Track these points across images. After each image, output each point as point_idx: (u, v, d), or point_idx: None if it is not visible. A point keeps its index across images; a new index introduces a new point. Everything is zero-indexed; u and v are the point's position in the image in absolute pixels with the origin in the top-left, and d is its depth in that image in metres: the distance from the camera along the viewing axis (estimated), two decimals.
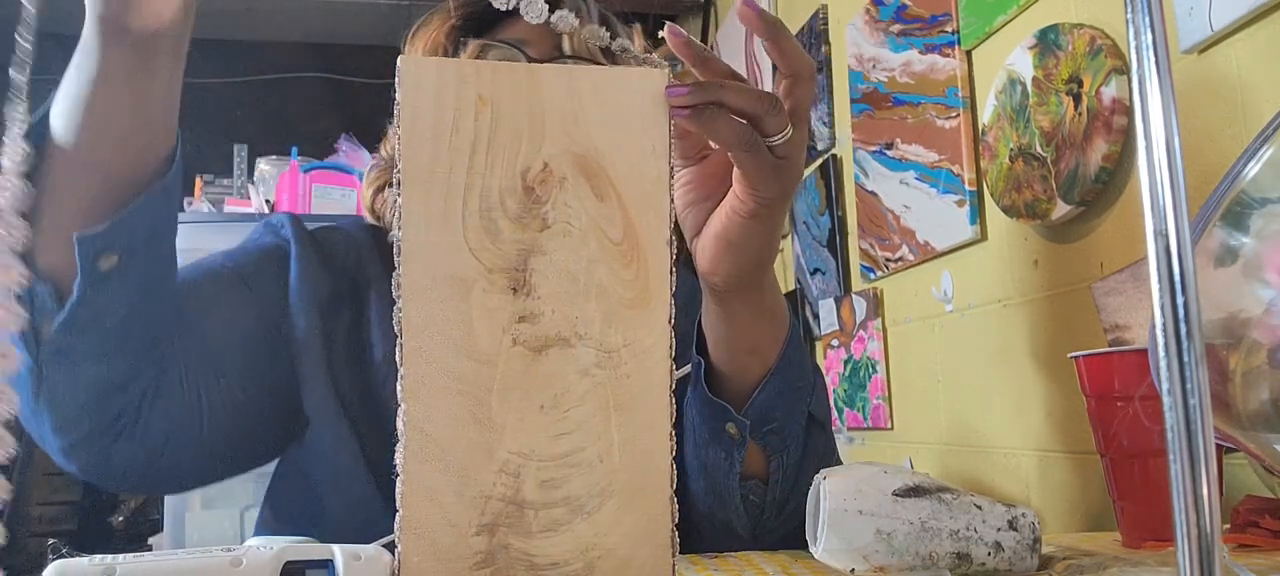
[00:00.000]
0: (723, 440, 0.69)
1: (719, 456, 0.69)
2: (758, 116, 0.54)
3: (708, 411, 0.69)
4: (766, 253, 0.63)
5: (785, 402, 0.69)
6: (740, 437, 0.68)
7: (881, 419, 1.64)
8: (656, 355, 0.47)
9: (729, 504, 0.70)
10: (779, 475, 0.70)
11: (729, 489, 0.70)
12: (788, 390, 0.69)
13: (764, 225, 0.60)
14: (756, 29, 0.55)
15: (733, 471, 0.69)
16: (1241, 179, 0.51)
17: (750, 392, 0.68)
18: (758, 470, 0.70)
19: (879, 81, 1.58)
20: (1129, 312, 1.00)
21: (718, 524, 0.73)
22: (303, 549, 0.45)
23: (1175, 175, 0.33)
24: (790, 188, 0.58)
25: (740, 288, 0.64)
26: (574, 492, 0.46)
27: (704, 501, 0.73)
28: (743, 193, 0.59)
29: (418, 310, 0.45)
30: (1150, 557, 0.62)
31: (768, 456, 0.70)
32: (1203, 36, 0.89)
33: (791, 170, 0.57)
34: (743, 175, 0.57)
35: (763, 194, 0.58)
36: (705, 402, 0.69)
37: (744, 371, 0.68)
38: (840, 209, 1.78)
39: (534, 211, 0.46)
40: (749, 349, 0.68)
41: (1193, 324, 0.32)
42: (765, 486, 0.70)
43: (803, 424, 0.71)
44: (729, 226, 0.60)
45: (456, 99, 0.46)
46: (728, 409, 0.67)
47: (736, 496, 0.70)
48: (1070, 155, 1.07)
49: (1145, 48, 0.34)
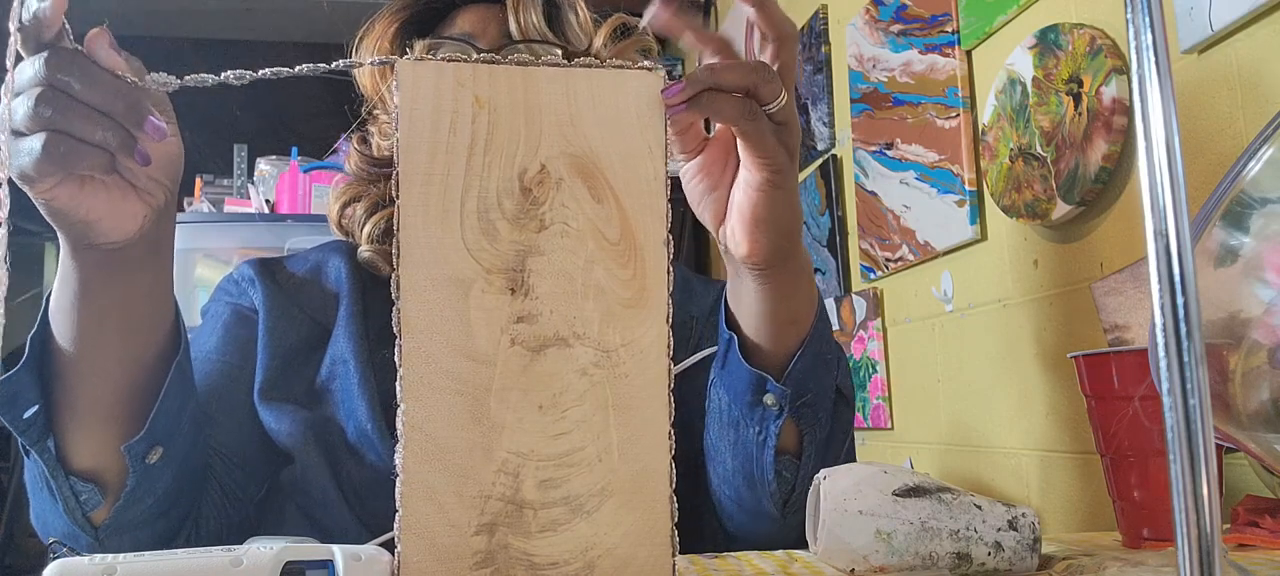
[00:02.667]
0: (758, 413, 0.69)
1: (753, 432, 0.70)
2: (754, 87, 0.56)
3: (743, 385, 0.69)
4: (795, 220, 0.64)
5: (818, 373, 0.70)
6: (778, 408, 0.68)
7: (881, 419, 1.64)
8: (655, 354, 0.47)
9: (761, 481, 0.71)
10: (811, 448, 0.71)
11: (763, 465, 0.70)
12: (819, 361, 0.70)
13: (783, 193, 0.61)
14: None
15: (768, 445, 0.69)
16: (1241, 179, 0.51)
17: (785, 363, 0.69)
18: (790, 445, 0.71)
19: (879, 81, 1.58)
20: (1129, 313, 1.00)
21: (746, 507, 0.73)
22: (303, 549, 0.45)
23: (1175, 175, 0.33)
24: (794, 149, 0.60)
25: (781, 258, 0.65)
26: (573, 492, 0.46)
27: (731, 483, 0.73)
28: (754, 165, 0.60)
29: (417, 310, 0.45)
30: (1150, 557, 0.62)
31: (801, 430, 0.70)
32: (1203, 36, 0.89)
33: (792, 132, 0.59)
34: (750, 148, 0.59)
35: (773, 160, 0.59)
36: (740, 376, 0.69)
37: (783, 342, 0.69)
38: (840, 209, 1.78)
39: (531, 212, 0.46)
40: (790, 318, 0.68)
41: (1193, 324, 0.32)
42: (799, 462, 0.71)
43: (832, 397, 0.72)
44: (753, 204, 0.61)
45: (454, 101, 0.46)
46: (767, 378, 0.68)
47: (770, 472, 0.70)
48: (1070, 155, 1.07)
49: (1145, 48, 0.34)
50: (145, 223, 0.58)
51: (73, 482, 0.64)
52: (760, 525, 0.73)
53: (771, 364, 0.69)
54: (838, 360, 0.73)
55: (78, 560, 0.43)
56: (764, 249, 0.63)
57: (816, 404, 0.70)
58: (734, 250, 0.64)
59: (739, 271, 0.67)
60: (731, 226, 0.64)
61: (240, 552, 0.44)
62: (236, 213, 2.51)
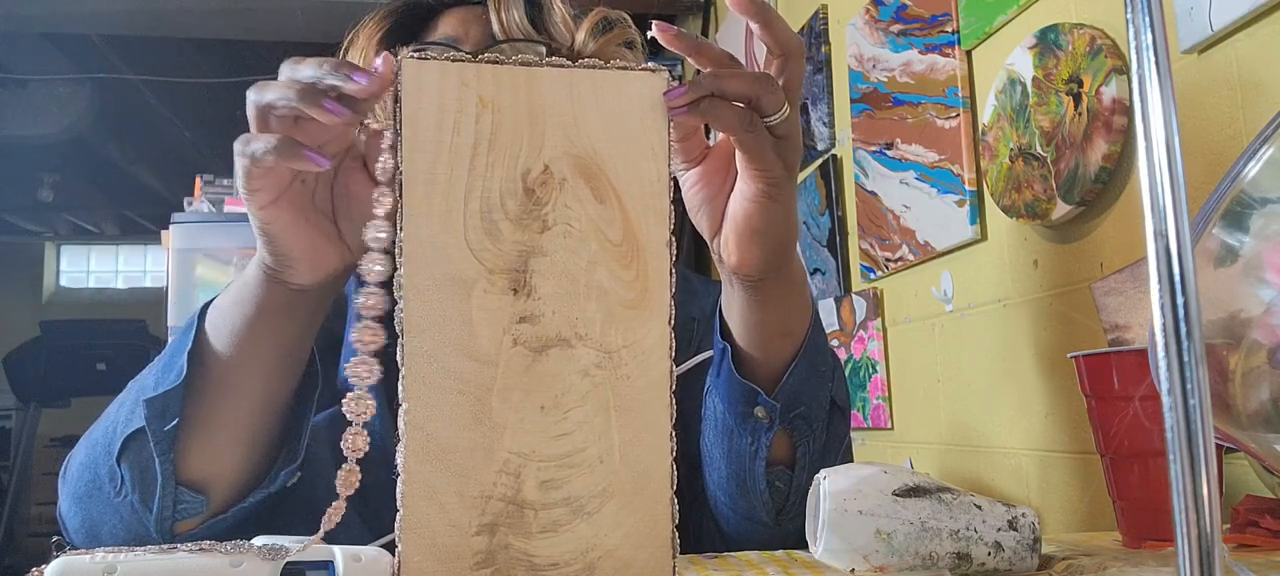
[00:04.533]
0: (750, 425, 0.69)
1: (745, 443, 0.70)
2: (756, 98, 0.56)
3: (735, 395, 0.69)
4: (791, 232, 0.64)
5: (811, 386, 0.70)
6: (769, 421, 0.69)
7: (881, 419, 1.64)
8: (657, 356, 0.47)
9: (753, 491, 0.71)
10: (805, 459, 0.71)
11: (754, 475, 0.70)
12: (813, 373, 0.70)
13: (780, 205, 0.61)
14: (747, 12, 0.57)
15: (759, 456, 0.70)
16: (1241, 179, 0.51)
17: (779, 375, 0.69)
18: (783, 456, 0.71)
19: (879, 81, 1.58)
20: (1129, 313, 1.00)
21: (740, 512, 0.73)
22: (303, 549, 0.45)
23: (1175, 175, 0.33)
24: (793, 163, 0.60)
25: (773, 271, 0.65)
26: (574, 493, 0.46)
27: (725, 490, 0.73)
28: (751, 177, 0.60)
29: (419, 310, 0.45)
30: (1150, 557, 0.62)
31: (794, 442, 0.71)
32: (1203, 36, 0.89)
33: (792, 146, 0.59)
34: (748, 158, 0.59)
35: (770, 173, 0.59)
36: (733, 387, 0.69)
37: (775, 353, 0.69)
38: (840, 209, 1.78)
39: (534, 213, 0.46)
40: (783, 331, 0.69)
41: (1193, 324, 0.32)
42: (791, 472, 0.71)
43: (826, 408, 0.72)
44: (749, 214, 0.61)
45: (458, 101, 0.46)
46: (758, 391, 0.68)
47: (762, 482, 0.70)
48: (1070, 155, 1.07)
49: (1145, 48, 0.34)
50: (336, 272, 0.62)
51: (180, 492, 0.65)
52: (755, 531, 0.73)
53: (764, 375, 0.69)
54: (833, 371, 0.73)
55: (79, 559, 0.43)
56: (756, 260, 0.63)
57: (810, 416, 0.70)
58: (727, 260, 0.65)
59: (732, 282, 0.67)
60: (726, 236, 0.64)
61: (240, 554, 0.44)
62: (236, 212, 2.51)
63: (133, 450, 0.65)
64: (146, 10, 3.01)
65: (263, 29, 3.18)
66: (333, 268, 0.61)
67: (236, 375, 0.64)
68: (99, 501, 0.67)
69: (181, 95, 4.25)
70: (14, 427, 6.12)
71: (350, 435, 0.45)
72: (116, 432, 0.66)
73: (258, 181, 0.56)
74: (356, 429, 0.46)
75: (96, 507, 0.68)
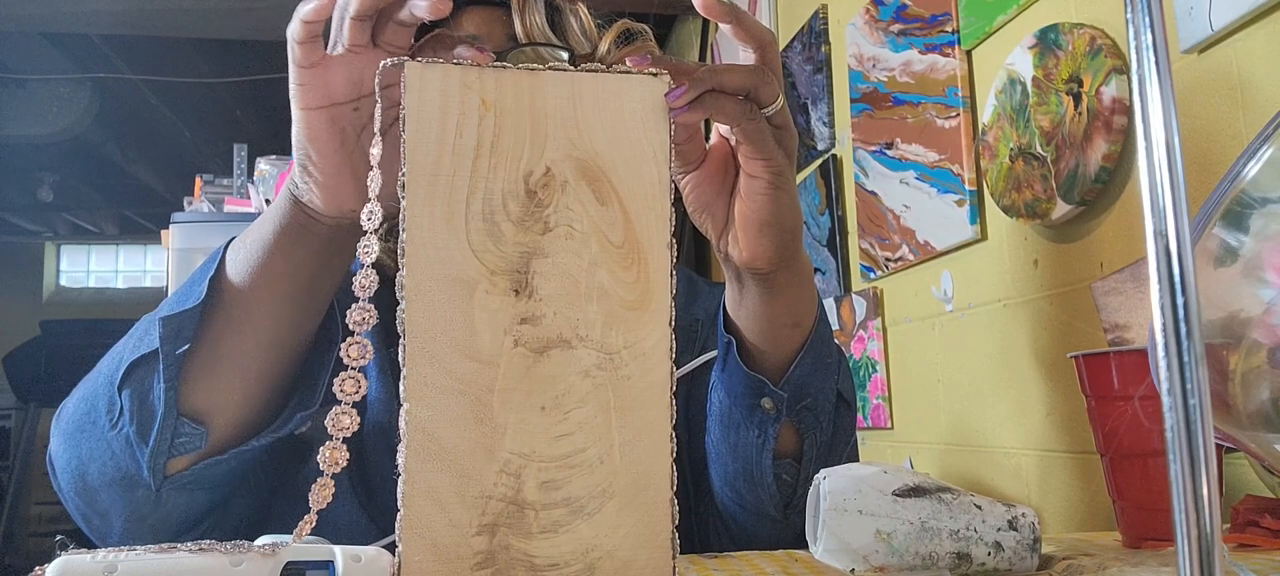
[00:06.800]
0: (757, 417, 0.70)
1: (752, 435, 0.70)
2: (753, 88, 0.57)
3: (742, 388, 0.69)
4: (797, 221, 0.65)
5: (817, 377, 0.70)
6: (776, 412, 0.69)
7: (881, 419, 1.64)
8: (657, 357, 0.47)
9: (761, 484, 0.71)
10: (812, 452, 0.71)
11: (762, 468, 0.70)
12: (819, 364, 0.71)
13: (786, 193, 0.62)
14: (714, 15, 0.58)
15: (766, 448, 0.70)
16: (1241, 179, 0.51)
17: (785, 367, 0.69)
18: (790, 448, 0.72)
19: (879, 81, 1.58)
20: (1129, 312, 1.00)
21: (747, 507, 0.73)
22: (303, 549, 0.45)
23: (1175, 175, 0.33)
24: (792, 151, 0.62)
25: (784, 262, 0.65)
26: (575, 493, 0.46)
27: (733, 485, 0.73)
28: (756, 168, 0.61)
29: (420, 311, 0.45)
30: (1150, 557, 0.62)
31: (801, 434, 0.71)
32: (1203, 36, 0.89)
33: (790, 134, 0.61)
34: (752, 149, 0.60)
35: (774, 162, 0.60)
36: (739, 379, 0.69)
37: (784, 345, 0.69)
38: (840, 209, 1.78)
39: (536, 215, 0.46)
40: (792, 321, 0.69)
41: (1193, 324, 0.32)
42: (798, 465, 0.72)
43: (833, 400, 0.72)
44: (757, 207, 0.62)
45: (460, 103, 0.46)
46: (764, 382, 0.69)
47: (769, 475, 0.70)
48: (1070, 155, 1.07)
49: (1145, 48, 0.34)
50: (351, 218, 0.61)
51: (180, 423, 0.64)
52: (763, 526, 0.74)
53: (771, 367, 0.70)
54: (838, 363, 0.74)
55: (80, 558, 0.43)
56: (769, 251, 0.64)
57: (816, 407, 0.71)
58: (738, 256, 0.65)
59: (742, 278, 0.67)
60: (736, 233, 0.64)
61: (241, 554, 0.44)
62: (236, 212, 2.52)
63: (137, 377, 0.64)
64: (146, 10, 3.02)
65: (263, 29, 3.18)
66: (349, 208, 0.60)
67: (248, 301, 0.64)
68: (92, 437, 0.66)
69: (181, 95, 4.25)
70: (14, 427, 6.12)
71: (336, 413, 0.45)
72: (123, 359, 0.65)
73: (309, 77, 0.55)
74: (345, 408, 0.45)
75: (88, 443, 0.67)
